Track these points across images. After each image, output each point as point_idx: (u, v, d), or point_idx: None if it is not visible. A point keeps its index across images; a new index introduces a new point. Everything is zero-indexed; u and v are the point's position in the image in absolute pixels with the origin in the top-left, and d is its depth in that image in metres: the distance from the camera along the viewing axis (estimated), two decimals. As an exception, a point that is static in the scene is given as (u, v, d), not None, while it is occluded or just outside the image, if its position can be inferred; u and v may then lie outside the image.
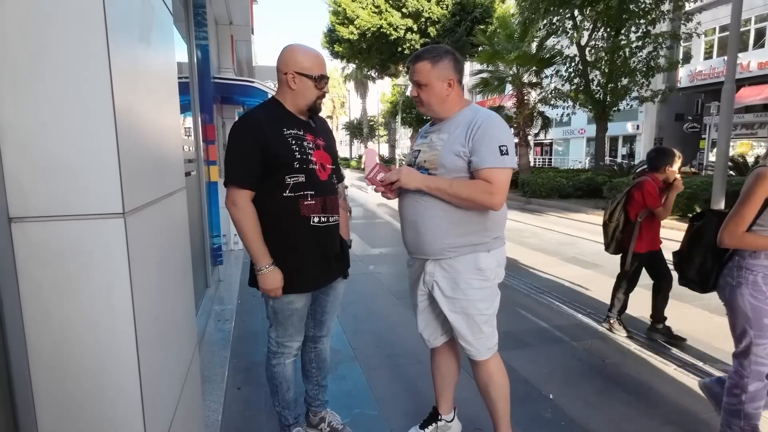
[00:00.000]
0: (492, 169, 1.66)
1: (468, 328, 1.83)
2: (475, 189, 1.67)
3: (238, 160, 1.75)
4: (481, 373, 1.91)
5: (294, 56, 1.78)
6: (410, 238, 1.86)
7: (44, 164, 0.97)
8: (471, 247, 1.77)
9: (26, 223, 0.97)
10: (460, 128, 1.74)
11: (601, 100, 13.84)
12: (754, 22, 18.11)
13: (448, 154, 1.73)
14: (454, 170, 1.72)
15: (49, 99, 0.95)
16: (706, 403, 2.32)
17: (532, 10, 13.75)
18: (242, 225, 1.76)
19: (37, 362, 1.00)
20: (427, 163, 1.79)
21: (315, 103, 1.85)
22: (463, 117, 1.77)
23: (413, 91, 1.82)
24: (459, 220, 1.75)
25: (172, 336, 1.39)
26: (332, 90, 54.31)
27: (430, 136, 1.85)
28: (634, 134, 24.29)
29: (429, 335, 2.02)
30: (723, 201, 8.20)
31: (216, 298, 4.09)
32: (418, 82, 1.77)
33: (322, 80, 1.81)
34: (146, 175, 1.21)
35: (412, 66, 1.79)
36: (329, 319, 2.10)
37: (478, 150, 1.67)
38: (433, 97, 1.78)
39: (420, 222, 1.79)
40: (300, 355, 2.15)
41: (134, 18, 1.18)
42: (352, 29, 22.42)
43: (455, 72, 1.77)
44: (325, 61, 1.86)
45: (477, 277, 1.79)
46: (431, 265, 1.84)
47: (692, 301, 4.13)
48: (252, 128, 1.76)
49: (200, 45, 4.02)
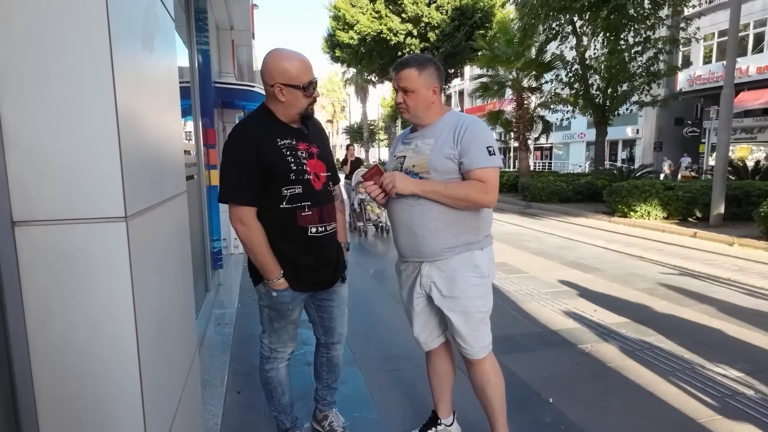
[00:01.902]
0: (484, 169, 1.74)
1: (466, 327, 1.86)
2: (470, 189, 1.74)
3: (238, 177, 1.72)
4: (478, 373, 1.94)
5: (278, 66, 1.71)
6: (405, 242, 1.88)
7: (47, 168, 0.98)
8: (466, 246, 1.83)
9: (30, 226, 0.98)
10: (445, 132, 1.79)
11: (600, 105, 13.88)
12: (753, 26, 18.19)
13: (438, 157, 1.77)
14: (445, 172, 1.77)
15: (53, 104, 0.97)
16: (706, 407, 2.32)
17: (532, 15, 13.81)
18: (253, 243, 1.75)
19: (40, 364, 1.01)
20: (416, 168, 1.82)
21: (307, 111, 1.81)
22: (446, 122, 1.83)
23: (399, 97, 1.84)
24: (453, 221, 1.79)
25: (172, 339, 1.40)
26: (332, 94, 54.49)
27: (414, 142, 1.87)
28: (634, 138, 24.33)
29: (426, 338, 2.03)
30: (723, 205, 8.22)
31: (216, 301, 4.10)
32: (405, 88, 1.80)
33: (311, 86, 1.76)
34: (148, 180, 1.22)
35: (398, 73, 1.81)
36: (339, 324, 2.08)
37: (467, 152, 1.74)
38: (420, 103, 1.82)
39: (416, 225, 1.81)
40: (313, 357, 2.19)
41: (137, 24, 1.20)
42: (352, 34, 22.51)
43: (438, 80, 1.83)
44: (311, 64, 1.77)
45: (474, 274, 1.83)
46: (427, 267, 1.86)
47: (692, 305, 4.13)
48: (248, 142, 1.73)
49: (201, 50, 4.05)
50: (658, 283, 4.94)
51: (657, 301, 4.31)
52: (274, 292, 1.81)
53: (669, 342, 3.36)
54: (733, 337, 3.45)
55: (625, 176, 12.59)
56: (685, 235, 7.88)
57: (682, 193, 8.96)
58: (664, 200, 9.05)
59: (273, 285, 1.80)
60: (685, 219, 9.00)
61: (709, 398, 2.57)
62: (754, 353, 3.17)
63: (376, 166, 1.88)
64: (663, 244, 7.19)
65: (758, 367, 2.95)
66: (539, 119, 17.02)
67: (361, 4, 22.01)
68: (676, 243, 7.33)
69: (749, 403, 2.51)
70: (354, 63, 25.73)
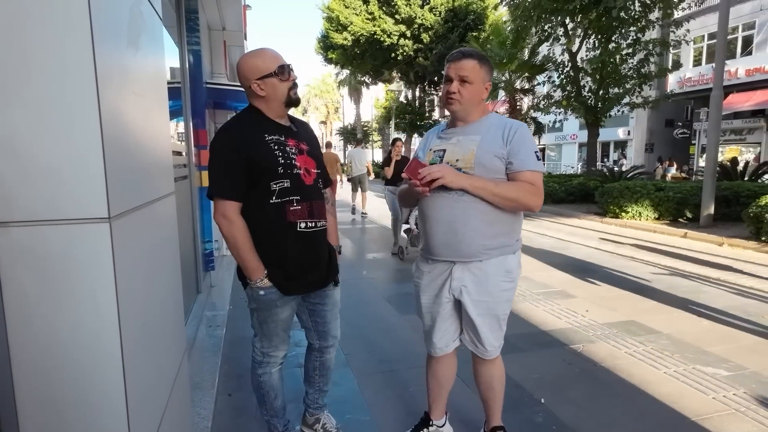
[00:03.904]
0: (534, 172, 1.74)
1: (490, 330, 1.87)
2: (520, 190, 1.72)
3: (223, 172, 1.71)
4: (488, 370, 1.98)
5: (248, 65, 1.73)
6: (443, 239, 1.80)
7: (29, 169, 0.96)
8: (500, 249, 1.80)
9: (10, 227, 0.96)
10: (492, 131, 1.77)
11: (592, 107, 13.98)
12: (742, 29, 18.41)
13: (487, 154, 1.73)
14: (492, 170, 1.74)
15: (34, 104, 0.95)
16: (697, 405, 2.34)
17: (525, 17, 13.89)
18: (234, 239, 1.73)
19: (20, 368, 0.99)
20: (459, 162, 1.76)
21: (290, 96, 1.78)
22: (491, 121, 1.81)
23: (453, 86, 1.76)
24: (494, 221, 1.76)
25: (159, 341, 1.38)
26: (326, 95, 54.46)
27: (454, 137, 1.83)
28: (626, 140, 24.53)
29: (445, 343, 1.97)
30: (712, 206, 8.30)
31: (207, 303, 4.06)
32: (464, 78, 1.74)
33: (284, 70, 1.74)
34: (133, 180, 1.21)
35: (458, 62, 1.75)
36: (332, 328, 2.06)
37: (517, 153, 1.72)
38: (475, 96, 1.78)
39: (459, 222, 1.75)
40: (304, 362, 2.16)
41: (121, 22, 1.18)
42: (345, 35, 22.51)
43: (490, 79, 1.82)
44: (278, 53, 1.76)
45: (505, 279, 1.82)
46: (459, 270, 1.82)
47: (682, 305, 4.16)
48: (233, 138, 1.73)
49: (192, 50, 4.03)
50: (649, 283, 4.97)
51: (647, 301, 4.34)
52: (262, 291, 1.79)
53: (659, 341, 3.38)
54: (723, 337, 3.48)
55: (616, 176, 12.69)
56: (676, 236, 7.95)
57: (672, 194, 9.05)
58: (655, 201, 9.13)
59: (256, 285, 1.78)
60: (676, 219, 9.09)
61: (700, 397, 2.59)
62: (743, 352, 3.19)
63: (416, 159, 1.81)
64: (654, 245, 7.25)
65: (747, 366, 2.98)
66: (531, 121, 17.11)
67: (355, 5, 22.04)
68: (667, 243, 7.39)
69: (739, 402, 2.53)
70: (347, 64, 25.72)
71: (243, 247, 1.73)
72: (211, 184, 1.74)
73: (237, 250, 1.74)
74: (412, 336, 3.51)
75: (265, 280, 1.77)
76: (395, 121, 24.35)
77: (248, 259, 1.75)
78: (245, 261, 1.75)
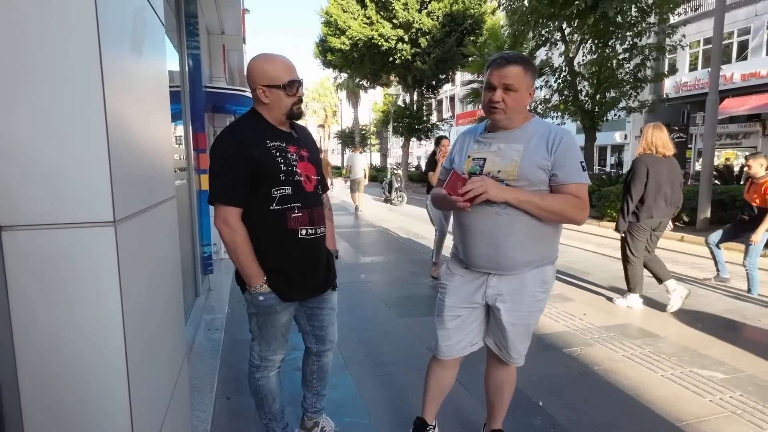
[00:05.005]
0: (579, 185, 1.67)
1: (519, 338, 1.86)
2: (566, 203, 1.65)
3: (225, 177, 1.70)
4: (504, 374, 2.00)
5: (258, 69, 1.71)
6: (483, 252, 1.73)
7: (35, 173, 0.97)
8: (540, 261, 1.77)
9: (16, 231, 0.97)
10: (534, 140, 1.67)
11: (589, 111, 14.05)
12: (737, 35, 18.55)
13: (531, 166, 1.65)
14: (537, 183, 1.66)
15: (41, 108, 0.96)
16: (693, 408, 2.35)
17: (522, 22, 13.97)
18: (236, 246, 1.72)
19: (25, 370, 1.00)
20: (502, 174, 1.67)
21: (292, 110, 1.78)
22: (533, 128, 1.71)
23: (497, 95, 1.64)
24: (536, 234, 1.71)
25: (161, 344, 1.39)
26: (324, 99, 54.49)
27: (494, 144, 1.72)
28: (622, 144, 24.64)
29: (462, 348, 1.93)
30: (709, 209, 8.34)
31: (206, 306, 4.06)
32: (509, 86, 1.63)
33: (293, 86, 1.73)
34: (137, 184, 1.22)
35: (502, 68, 1.63)
36: (330, 332, 2.06)
37: (562, 165, 1.65)
38: (520, 104, 1.67)
39: (501, 235, 1.68)
40: (302, 366, 2.16)
41: (126, 29, 1.20)
42: (343, 40, 22.56)
43: (533, 83, 1.71)
44: (292, 65, 1.75)
45: (541, 289, 1.80)
46: (496, 279, 1.78)
47: (679, 308, 4.16)
48: (235, 143, 1.71)
49: (192, 54, 4.04)
50: (645, 286, 4.99)
51: (644, 304, 4.36)
52: (261, 296, 1.78)
53: (656, 345, 3.40)
54: (719, 340, 3.50)
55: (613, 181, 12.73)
56: (673, 239, 7.98)
57: (669, 197, 9.07)
58: (652, 205, 9.15)
59: (256, 291, 1.78)
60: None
61: (696, 400, 2.61)
62: (739, 355, 3.21)
63: (454, 172, 1.69)
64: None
65: (744, 369, 3.00)
66: (529, 125, 17.13)
67: (353, 9, 22.09)
68: (664, 247, 7.42)
69: (735, 405, 2.55)
70: (345, 68, 25.77)
71: (243, 253, 1.73)
72: (211, 189, 1.73)
73: (237, 256, 1.74)
74: (410, 339, 3.52)
75: (264, 286, 1.77)
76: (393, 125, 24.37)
77: (248, 266, 1.74)
78: (245, 267, 1.75)
